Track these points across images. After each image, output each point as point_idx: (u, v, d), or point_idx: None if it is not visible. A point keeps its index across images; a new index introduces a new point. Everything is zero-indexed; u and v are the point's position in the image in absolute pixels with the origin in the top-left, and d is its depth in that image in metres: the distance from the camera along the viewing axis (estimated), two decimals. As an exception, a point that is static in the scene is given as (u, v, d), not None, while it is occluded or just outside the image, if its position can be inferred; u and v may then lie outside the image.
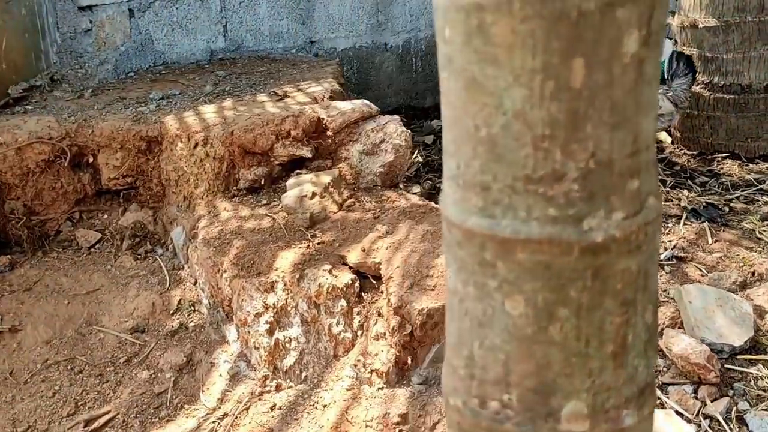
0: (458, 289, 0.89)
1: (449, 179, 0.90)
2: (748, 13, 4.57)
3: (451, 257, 0.91)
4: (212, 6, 5.34)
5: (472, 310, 0.87)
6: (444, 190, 0.92)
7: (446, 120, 0.89)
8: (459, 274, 0.88)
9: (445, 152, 0.90)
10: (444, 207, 0.91)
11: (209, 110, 4.09)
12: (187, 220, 3.78)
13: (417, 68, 6.29)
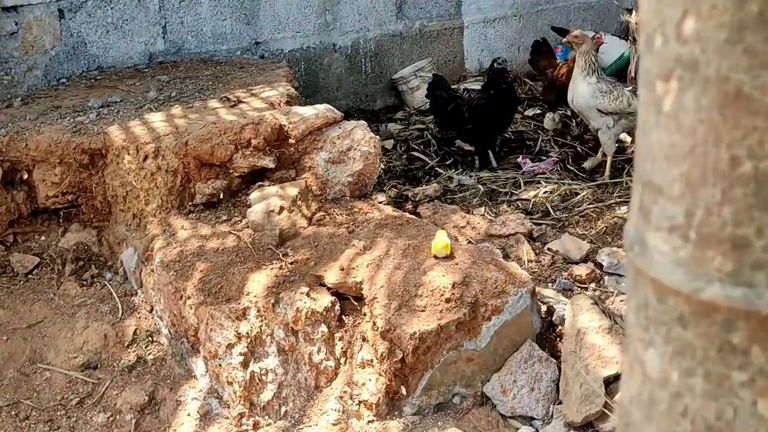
0: (672, 379, 0.65)
1: (666, 230, 0.65)
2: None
3: (659, 334, 0.67)
4: (150, 6, 4.96)
5: (699, 410, 0.63)
6: (651, 244, 0.67)
7: (663, 149, 0.65)
8: (677, 359, 0.65)
9: (654, 191, 0.66)
10: (652, 266, 0.67)
11: (157, 119, 3.74)
12: (139, 240, 3.43)
13: (367, 69, 6.03)
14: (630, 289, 0.72)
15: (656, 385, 0.68)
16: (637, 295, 0.69)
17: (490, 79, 4.71)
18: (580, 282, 3.22)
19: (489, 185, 4.31)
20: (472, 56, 6.58)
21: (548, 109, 5.41)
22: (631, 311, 0.71)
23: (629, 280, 0.72)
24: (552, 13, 6.93)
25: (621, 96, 4.23)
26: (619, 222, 3.70)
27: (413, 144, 5.08)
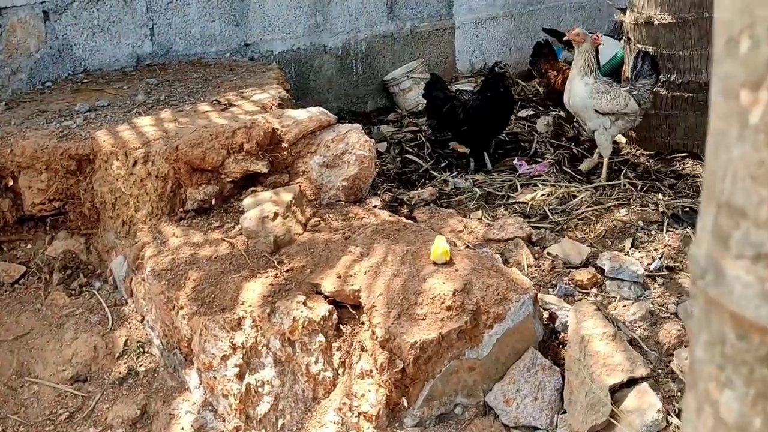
0: (754, 425, 0.58)
1: (751, 259, 0.58)
2: (705, 9, 4.45)
3: (738, 375, 0.60)
4: (137, 7, 4.86)
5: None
6: (730, 274, 0.60)
7: (749, 167, 0.57)
8: (760, 403, 0.57)
9: (735, 214, 0.58)
10: (732, 299, 0.59)
11: (147, 123, 3.65)
12: (129, 248, 3.33)
13: (357, 71, 5.96)
14: (699, 321, 0.64)
15: (732, 431, 0.60)
16: (710, 329, 0.62)
17: (486, 81, 4.64)
18: (581, 287, 3.15)
19: (485, 188, 4.24)
20: (464, 57, 6.52)
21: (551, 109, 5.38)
22: (701, 345, 0.64)
23: (698, 311, 0.64)
24: (543, 13, 6.88)
25: (618, 96, 4.17)
26: (619, 225, 3.64)
27: (407, 146, 5.01)
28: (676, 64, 4.65)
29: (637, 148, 4.96)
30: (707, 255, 0.62)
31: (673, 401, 2.64)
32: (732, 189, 0.59)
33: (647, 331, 2.89)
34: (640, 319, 2.92)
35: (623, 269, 3.14)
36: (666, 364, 2.75)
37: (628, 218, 3.69)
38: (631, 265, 3.16)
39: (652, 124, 4.82)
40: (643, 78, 4.39)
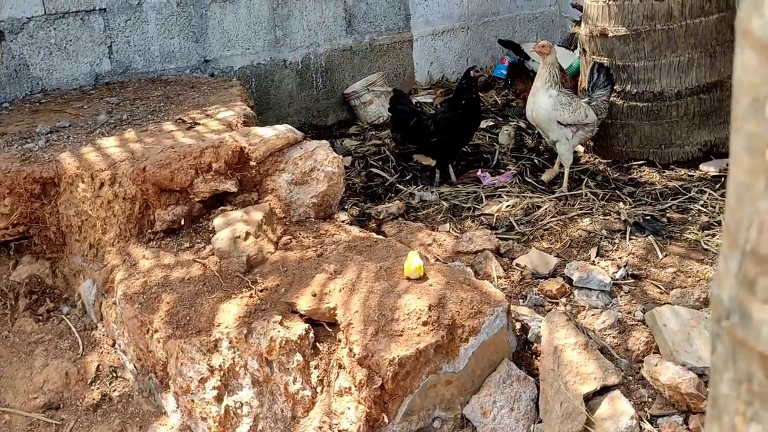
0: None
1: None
2: (657, 21, 4.59)
3: (765, 410, 0.63)
4: (95, 25, 4.81)
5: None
6: (757, 317, 0.64)
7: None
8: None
9: (762, 262, 0.62)
10: (760, 340, 0.63)
11: (111, 144, 3.62)
12: (98, 271, 3.29)
13: (318, 85, 5.98)
14: (724, 358, 0.68)
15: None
16: (737, 367, 0.66)
17: (460, 89, 4.67)
18: (550, 297, 3.22)
19: (451, 200, 4.30)
20: (422, 69, 6.60)
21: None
22: (726, 382, 0.68)
23: (723, 349, 0.69)
24: (498, 24, 6.99)
25: (579, 108, 4.28)
26: (583, 234, 3.72)
27: (371, 160, 5.04)
28: (630, 75, 4.78)
29: (595, 156, 5.08)
30: (731, 297, 0.66)
31: (645, 407, 2.72)
32: (758, 238, 0.63)
33: (617, 339, 2.96)
34: (609, 327, 3.00)
35: (591, 279, 3.21)
36: (636, 371, 2.82)
37: (592, 227, 3.77)
38: (598, 274, 3.24)
39: (609, 133, 4.94)
40: (599, 89, 4.52)
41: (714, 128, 4.81)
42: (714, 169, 4.56)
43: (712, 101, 4.74)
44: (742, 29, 0.63)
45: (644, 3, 4.57)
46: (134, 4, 4.92)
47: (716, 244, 3.55)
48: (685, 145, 4.82)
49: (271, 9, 5.56)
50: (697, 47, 4.61)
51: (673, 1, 4.51)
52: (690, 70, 4.65)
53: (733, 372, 0.67)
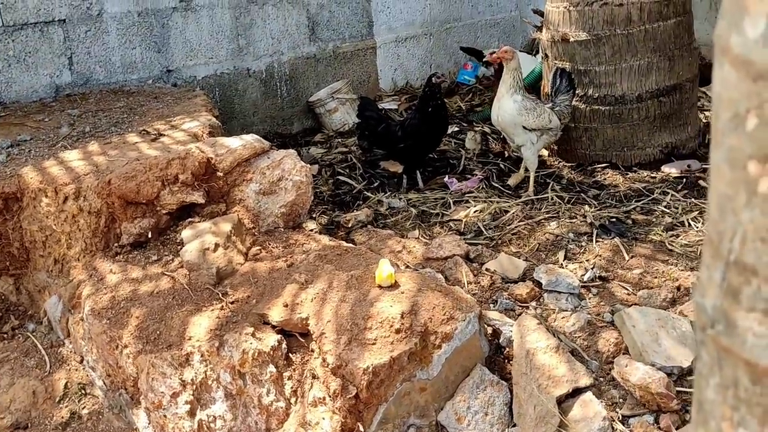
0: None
1: (762, 312, 0.63)
2: (617, 26, 4.66)
3: (753, 415, 0.65)
4: (54, 37, 4.74)
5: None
6: (742, 325, 0.65)
7: (759, 231, 0.62)
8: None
9: (745, 272, 0.64)
10: (745, 348, 0.65)
11: (74, 157, 3.56)
12: (64, 287, 3.24)
13: (282, 93, 5.96)
14: (710, 364, 0.70)
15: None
16: (723, 373, 0.68)
17: (425, 96, 4.70)
18: (520, 301, 3.25)
19: (419, 207, 4.31)
20: (386, 75, 6.62)
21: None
22: (712, 388, 0.69)
23: (708, 357, 0.70)
24: (460, 30, 7.05)
25: (543, 113, 4.33)
26: (551, 238, 3.76)
27: (338, 168, 5.04)
28: (592, 79, 4.85)
29: (560, 160, 5.13)
30: (716, 306, 0.68)
31: (616, 408, 2.75)
32: (741, 249, 0.65)
33: (587, 341, 3.00)
34: (579, 329, 3.03)
35: (559, 282, 3.25)
36: (607, 372, 2.86)
37: (559, 231, 3.82)
38: (566, 277, 3.27)
39: (572, 137, 5.00)
40: (561, 94, 4.58)
41: (674, 130, 4.90)
42: (675, 170, 4.64)
43: (672, 104, 4.83)
44: (721, 46, 0.64)
45: (604, 8, 4.64)
46: (94, 14, 4.86)
47: (680, 245, 3.61)
48: (646, 147, 4.90)
49: (234, 18, 5.53)
50: (656, 51, 4.70)
51: (632, 6, 4.59)
52: (650, 73, 4.74)
53: (719, 378, 0.69)
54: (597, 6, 4.65)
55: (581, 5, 4.71)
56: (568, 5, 4.78)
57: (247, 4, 5.58)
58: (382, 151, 5.00)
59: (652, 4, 4.60)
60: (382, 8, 6.42)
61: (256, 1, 5.62)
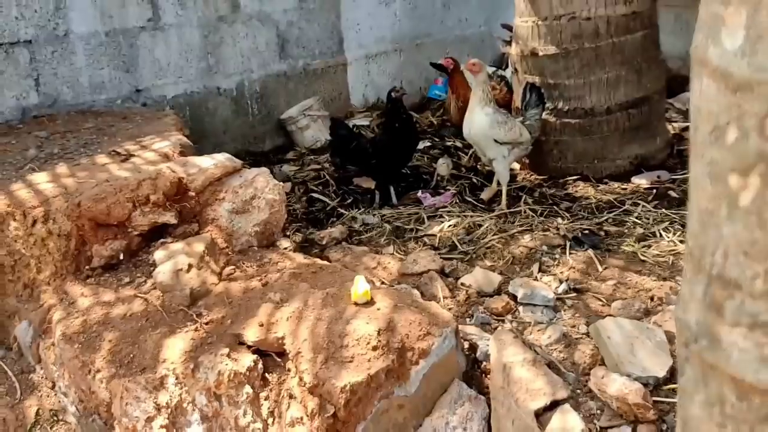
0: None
1: (747, 327, 0.63)
2: (585, 40, 4.72)
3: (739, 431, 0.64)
4: (20, 58, 4.68)
5: None
6: (726, 340, 0.65)
7: (741, 245, 0.62)
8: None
9: (728, 286, 0.63)
10: (730, 363, 0.64)
11: (43, 179, 3.51)
12: (34, 312, 3.18)
13: (253, 111, 5.94)
14: (694, 381, 0.69)
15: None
16: (708, 390, 0.67)
17: (389, 112, 4.72)
18: (496, 315, 3.25)
19: (393, 223, 4.31)
20: (357, 92, 6.63)
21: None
22: (697, 404, 0.69)
23: (692, 373, 0.70)
24: (431, 46, 7.09)
25: (514, 126, 4.36)
26: (525, 251, 3.78)
27: (311, 185, 5.03)
28: (562, 93, 4.90)
29: (531, 173, 5.17)
30: (699, 322, 0.67)
31: (594, 419, 2.75)
32: (724, 263, 0.65)
33: (563, 353, 3.00)
34: (555, 342, 3.04)
35: (535, 295, 3.26)
36: (584, 384, 2.86)
37: (533, 244, 3.83)
38: (541, 290, 3.28)
39: (543, 150, 5.04)
40: (532, 108, 4.62)
41: (644, 142, 4.96)
42: (646, 181, 4.70)
43: (641, 116, 4.89)
44: (698, 57, 0.64)
45: (572, 23, 4.69)
46: (60, 35, 4.81)
47: (653, 255, 3.64)
48: (617, 159, 4.95)
49: (203, 37, 5.51)
50: (624, 64, 4.76)
51: (600, 20, 4.65)
52: (618, 86, 4.80)
53: (704, 395, 0.68)
54: (565, 20, 4.71)
55: (549, 20, 4.76)
56: (536, 20, 4.83)
57: (216, 23, 5.57)
58: (355, 168, 5.00)
59: (619, 18, 4.67)
60: (352, 25, 6.44)
61: (225, 20, 5.61)
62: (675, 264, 3.57)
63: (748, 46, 0.58)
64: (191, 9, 5.40)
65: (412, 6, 6.84)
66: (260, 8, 5.79)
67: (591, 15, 4.65)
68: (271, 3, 5.84)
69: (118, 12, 5.04)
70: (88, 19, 4.91)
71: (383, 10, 6.63)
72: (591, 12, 4.65)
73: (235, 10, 5.65)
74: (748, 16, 0.57)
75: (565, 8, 4.70)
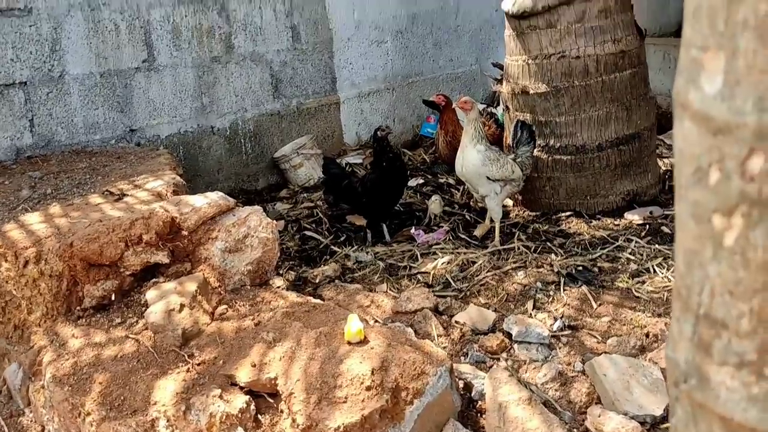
0: None
1: (734, 366, 0.63)
2: (575, 78, 4.77)
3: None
4: (15, 99, 4.71)
5: None
6: (714, 379, 0.65)
7: (726, 284, 0.62)
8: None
9: (715, 325, 0.63)
10: (718, 403, 0.64)
11: (35, 220, 3.50)
12: (24, 354, 3.15)
13: (247, 149, 5.97)
14: (684, 421, 0.69)
15: None
16: (698, 429, 0.67)
17: (377, 151, 4.75)
18: (491, 353, 3.23)
19: (387, 260, 4.30)
20: (350, 130, 6.67)
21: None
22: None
23: (682, 412, 0.69)
24: (422, 84, 7.16)
25: (506, 164, 4.38)
26: (519, 288, 3.77)
27: (305, 223, 5.03)
28: (553, 130, 4.94)
29: (524, 209, 5.19)
30: (688, 361, 0.67)
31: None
32: (710, 303, 0.65)
33: (559, 392, 2.98)
34: (551, 380, 3.02)
35: (529, 332, 3.25)
36: (581, 423, 2.84)
37: (527, 280, 3.83)
38: (536, 327, 3.27)
39: (536, 186, 5.07)
40: (523, 145, 4.66)
41: (635, 178, 4.99)
42: (638, 217, 4.71)
43: (632, 152, 4.93)
44: (680, 101, 0.65)
45: (562, 61, 4.75)
46: (56, 76, 4.85)
47: (647, 291, 3.64)
48: (609, 195, 4.97)
49: (197, 77, 5.55)
50: (614, 101, 4.81)
51: (589, 59, 4.71)
52: (609, 123, 4.84)
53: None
54: (555, 59, 4.77)
55: (539, 59, 4.82)
56: (527, 59, 4.89)
57: (211, 63, 5.62)
58: (347, 206, 5.02)
59: (608, 56, 4.73)
60: (345, 64, 6.50)
61: (219, 60, 5.66)
62: (669, 300, 3.56)
63: (727, 90, 0.59)
64: (186, 50, 5.45)
65: (403, 45, 6.92)
66: (254, 49, 5.85)
67: (580, 54, 4.71)
68: (265, 44, 5.91)
69: (113, 53, 5.09)
70: (84, 61, 4.95)
71: (376, 50, 6.71)
72: (580, 51, 4.71)
73: (229, 50, 5.71)
74: (726, 61, 0.58)
75: (555, 47, 4.76)
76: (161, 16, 5.29)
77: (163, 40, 5.33)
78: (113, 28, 5.07)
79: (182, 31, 5.42)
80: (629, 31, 4.83)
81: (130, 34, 5.16)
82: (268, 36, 5.93)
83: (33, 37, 4.72)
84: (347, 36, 6.48)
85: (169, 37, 5.36)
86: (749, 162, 0.60)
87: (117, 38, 5.09)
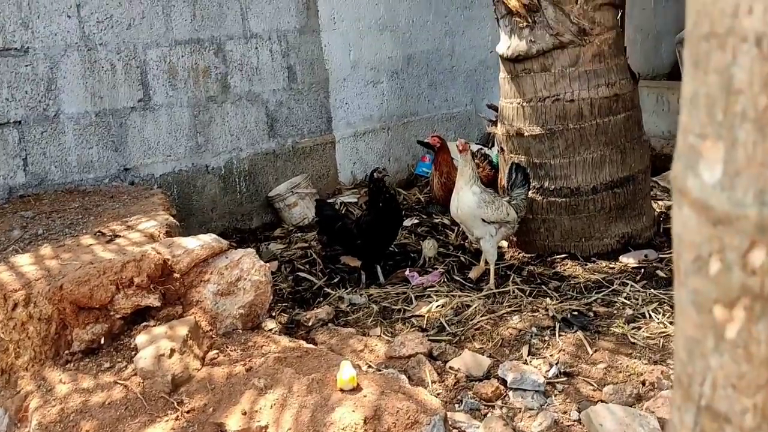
0: None
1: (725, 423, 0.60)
2: (569, 121, 4.79)
3: None
4: (9, 138, 4.70)
5: None
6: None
7: (729, 378, 0.60)
8: None
9: (717, 419, 0.61)
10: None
11: (25, 261, 3.47)
12: (10, 399, 3.08)
13: (241, 188, 5.95)
14: None
15: None
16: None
17: (373, 192, 4.74)
18: (486, 400, 3.18)
19: (381, 303, 4.27)
20: (345, 169, 6.67)
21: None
22: None
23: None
24: (418, 124, 7.18)
25: (501, 206, 4.37)
26: (514, 333, 3.73)
27: (298, 264, 4.99)
28: (548, 172, 4.94)
29: (519, 251, 5.16)
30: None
31: None
32: (712, 395, 0.62)
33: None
34: (546, 429, 2.97)
35: (524, 379, 3.20)
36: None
37: (522, 325, 3.79)
38: (531, 374, 3.23)
39: (531, 228, 5.05)
40: (517, 188, 4.66)
41: (630, 220, 4.99)
42: (633, 260, 4.69)
43: (626, 195, 4.93)
44: (678, 187, 0.64)
45: (556, 104, 4.77)
46: (51, 115, 4.85)
47: (643, 337, 3.61)
48: (604, 238, 4.96)
49: (193, 116, 5.56)
50: (608, 144, 4.82)
51: (583, 102, 4.73)
52: (603, 165, 4.84)
53: None
54: (549, 102, 4.79)
55: (534, 101, 4.84)
56: (521, 101, 4.91)
57: (206, 102, 5.63)
58: (341, 247, 4.99)
59: (602, 99, 4.75)
60: (341, 104, 6.53)
61: (215, 100, 5.68)
62: (665, 347, 3.53)
63: (727, 180, 0.57)
64: (181, 90, 5.46)
65: (399, 86, 6.96)
66: (250, 88, 5.87)
67: (574, 97, 4.74)
68: (261, 84, 5.93)
69: (109, 93, 5.10)
70: (79, 100, 4.96)
71: (371, 90, 6.74)
72: (574, 94, 4.73)
73: (225, 90, 5.73)
74: (726, 151, 0.57)
75: (549, 90, 4.78)
76: (158, 56, 5.31)
77: (159, 80, 5.35)
78: (109, 67, 5.08)
79: (178, 70, 5.44)
80: (623, 74, 4.86)
81: (126, 74, 5.18)
82: (264, 76, 5.95)
83: (29, 77, 4.73)
84: (343, 76, 6.52)
85: (165, 76, 5.38)
86: (750, 255, 0.59)
87: (113, 78, 5.11)
